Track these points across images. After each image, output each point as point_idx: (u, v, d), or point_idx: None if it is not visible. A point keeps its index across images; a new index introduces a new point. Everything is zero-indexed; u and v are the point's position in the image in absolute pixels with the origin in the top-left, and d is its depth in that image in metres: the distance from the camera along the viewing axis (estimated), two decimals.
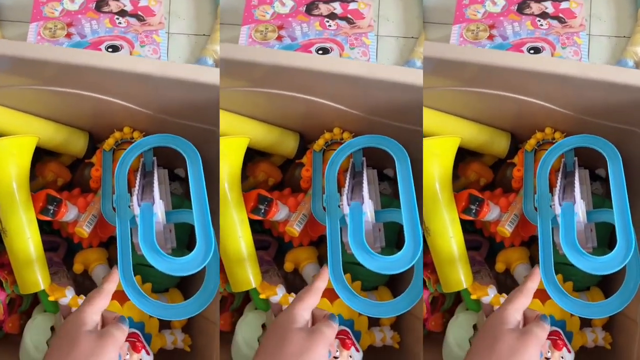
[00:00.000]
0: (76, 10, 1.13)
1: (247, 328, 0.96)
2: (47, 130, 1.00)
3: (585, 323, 0.97)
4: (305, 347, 0.81)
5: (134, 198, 0.93)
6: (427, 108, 0.96)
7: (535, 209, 0.93)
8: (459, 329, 0.95)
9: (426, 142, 0.92)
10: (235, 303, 1.00)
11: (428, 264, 0.97)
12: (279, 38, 1.11)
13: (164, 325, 0.98)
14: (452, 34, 1.08)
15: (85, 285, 0.99)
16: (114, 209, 0.94)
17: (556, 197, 0.90)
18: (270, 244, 1.02)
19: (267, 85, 0.96)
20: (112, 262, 0.99)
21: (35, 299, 0.98)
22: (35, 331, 0.95)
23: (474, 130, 1.00)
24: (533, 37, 1.07)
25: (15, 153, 0.93)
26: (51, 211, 0.97)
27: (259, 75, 0.95)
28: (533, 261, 0.98)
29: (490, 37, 1.08)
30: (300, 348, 0.81)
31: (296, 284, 0.99)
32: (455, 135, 0.96)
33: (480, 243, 1.00)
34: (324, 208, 0.94)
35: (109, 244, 1.00)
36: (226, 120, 0.98)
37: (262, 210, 0.98)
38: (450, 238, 0.94)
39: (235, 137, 0.95)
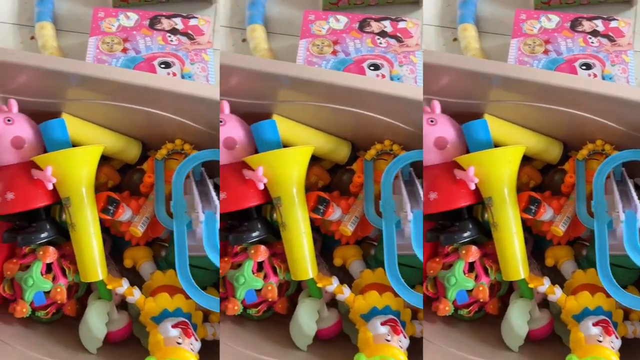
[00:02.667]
0: (131, 27, 1.26)
1: (307, 312, 1.12)
2: (108, 139, 1.15)
3: (625, 317, 1.14)
4: None
5: (198, 207, 1.09)
6: (496, 118, 1.14)
7: (590, 213, 1.09)
8: (518, 313, 1.11)
9: (500, 150, 1.10)
10: (290, 290, 1.16)
11: (489, 254, 1.13)
12: (334, 52, 1.22)
13: (204, 319, 1.14)
14: (511, 47, 1.22)
15: (130, 278, 1.14)
16: (168, 213, 1.10)
17: (620, 205, 1.07)
18: (316, 240, 1.17)
19: (327, 100, 1.12)
20: (155, 259, 1.16)
21: (89, 287, 1.15)
22: (96, 315, 1.11)
23: (533, 139, 1.15)
24: (585, 53, 1.21)
25: (86, 160, 1.10)
26: (111, 211, 1.12)
27: (322, 91, 1.12)
28: (577, 259, 1.15)
29: (546, 51, 1.19)
30: None
31: (340, 277, 1.14)
32: (519, 143, 1.12)
33: (526, 240, 1.15)
34: (379, 212, 1.10)
35: (151, 243, 1.16)
36: (294, 130, 1.15)
37: (321, 210, 1.13)
38: (513, 234, 1.10)
39: (304, 147, 1.12)
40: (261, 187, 1.10)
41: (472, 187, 1.09)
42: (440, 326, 1.14)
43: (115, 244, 1.17)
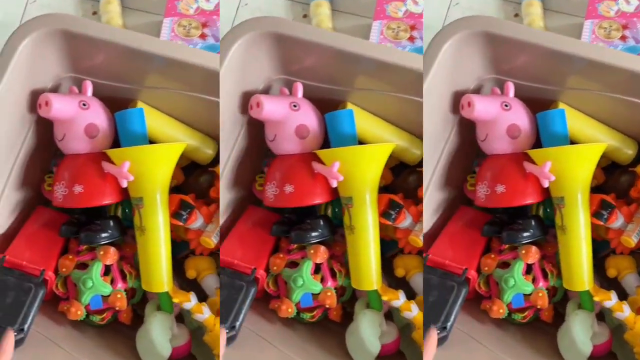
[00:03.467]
0: (211, 11, 1.18)
1: (369, 327, 1.07)
2: (183, 135, 1.09)
3: None
4: None
5: None
6: (571, 108, 1.07)
7: None
8: (581, 328, 1.06)
9: (581, 147, 1.04)
10: (346, 296, 1.11)
11: (548, 256, 1.09)
12: (411, 39, 1.18)
13: None
14: (584, 28, 1.18)
15: (185, 289, 1.07)
16: None
17: None
18: None
19: (413, 91, 1.05)
20: (218, 272, 1.09)
21: (144, 294, 1.09)
22: (160, 330, 1.05)
23: (608, 135, 1.10)
24: None
25: (167, 158, 1.02)
26: (184, 217, 1.05)
27: (408, 79, 1.04)
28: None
29: (623, 37, 1.14)
30: None
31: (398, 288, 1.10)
32: (595, 139, 1.07)
33: None
34: None
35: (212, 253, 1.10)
36: (369, 122, 1.09)
37: (392, 216, 1.07)
38: (582, 240, 1.04)
39: (385, 145, 1.06)
40: (335, 184, 1.04)
41: (546, 184, 1.03)
42: (490, 327, 1.10)
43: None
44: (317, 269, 1.07)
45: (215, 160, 1.10)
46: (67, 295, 1.07)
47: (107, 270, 1.06)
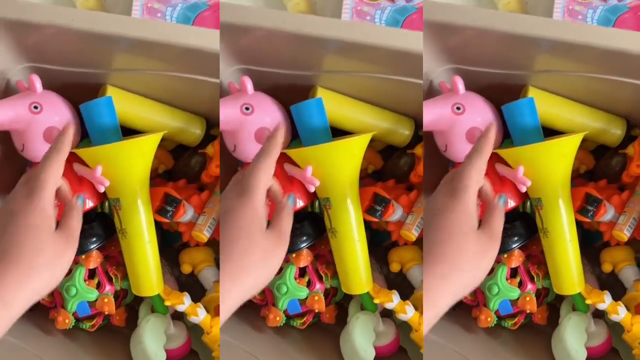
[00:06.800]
0: None
1: (362, 333, 1.00)
2: (164, 117, 0.98)
3: None
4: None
5: None
6: (542, 91, 0.96)
7: None
8: (573, 334, 0.98)
9: (556, 142, 0.91)
10: (338, 296, 1.04)
11: (533, 255, 1.01)
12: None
13: None
14: None
15: (182, 282, 1.02)
16: None
17: None
18: None
19: (391, 70, 0.94)
20: (218, 262, 1.00)
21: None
22: (152, 336, 0.98)
23: (589, 118, 0.99)
24: None
25: (143, 152, 0.91)
26: (169, 212, 0.97)
27: (385, 57, 0.92)
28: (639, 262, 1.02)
29: None
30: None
31: (398, 283, 1.03)
32: (573, 124, 0.96)
33: None
34: None
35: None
36: (342, 105, 0.98)
37: (379, 212, 0.98)
38: (567, 242, 0.95)
39: (361, 137, 0.93)
40: (312, 189, 0.93)
41: (523, 189, 0.93)
42: (481, 336, 1.02)
43: (162, 238, 1.01)
44: (304, 272, 1.01)
45: (207, 141, 1.00)
46: (54, 303, 1.00)
47: (92, 274, 0.99)
